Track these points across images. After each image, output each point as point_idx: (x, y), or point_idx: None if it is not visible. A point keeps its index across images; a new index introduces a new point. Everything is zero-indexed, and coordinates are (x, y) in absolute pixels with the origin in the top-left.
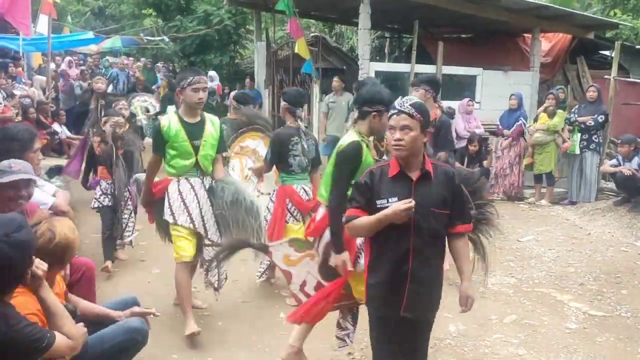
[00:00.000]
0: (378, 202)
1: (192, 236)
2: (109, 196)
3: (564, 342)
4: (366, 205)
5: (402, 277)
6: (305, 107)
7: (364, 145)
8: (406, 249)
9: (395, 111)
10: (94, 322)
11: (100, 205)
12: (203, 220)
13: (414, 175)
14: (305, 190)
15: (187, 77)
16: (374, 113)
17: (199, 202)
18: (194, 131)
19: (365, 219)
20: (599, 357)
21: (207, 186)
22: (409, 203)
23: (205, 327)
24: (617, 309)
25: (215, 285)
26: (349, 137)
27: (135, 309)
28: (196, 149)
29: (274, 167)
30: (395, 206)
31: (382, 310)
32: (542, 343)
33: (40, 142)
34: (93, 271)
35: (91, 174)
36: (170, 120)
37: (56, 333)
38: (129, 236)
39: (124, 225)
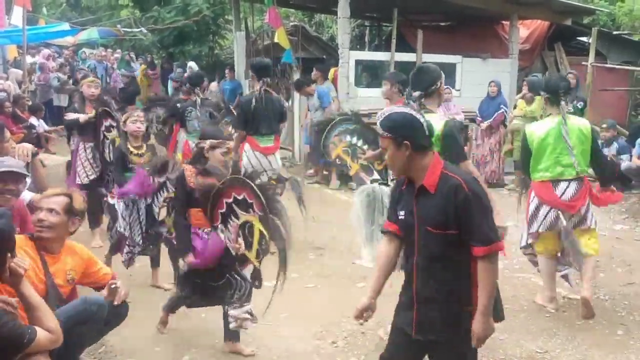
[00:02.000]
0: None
1: None
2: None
3: (543, 325)
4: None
5: (411, 297)
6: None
7: None
8: (412, 266)
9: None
10: None
11: None
12: None
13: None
14: None
15: (440, 74)
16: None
17: None
18: None
19: (378, 260)
20: (578, 340)
21: None
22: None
23: (188, 319)
24: (595, 292)
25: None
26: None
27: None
28: None
29: None
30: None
31: (394, 325)
32: (522, 327)
33: (9, 133)
34: None
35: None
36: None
37: (37, 328)
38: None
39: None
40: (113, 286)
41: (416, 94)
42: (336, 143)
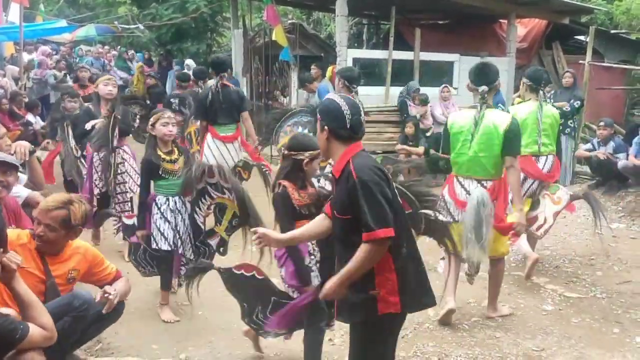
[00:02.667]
0: None
1: None
2: (316, 264)
3: (540, 323)
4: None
5: None
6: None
7: None
8: (335, 251)
9: None
10: None
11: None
12: None
13: None
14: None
15: (499, 71)
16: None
17: None
18: None
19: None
20: (575, 338)
21: None
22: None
23: (186, 317)
24: (592, 291)
25: None
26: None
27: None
28: None
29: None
30: None
31: None
32: (518, 325)
33: (5, 130)
34: None
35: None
36: None
37: (30, 325)
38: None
39: None
40: (106, 295)
41: (483, 88)
42: (287, 132)
